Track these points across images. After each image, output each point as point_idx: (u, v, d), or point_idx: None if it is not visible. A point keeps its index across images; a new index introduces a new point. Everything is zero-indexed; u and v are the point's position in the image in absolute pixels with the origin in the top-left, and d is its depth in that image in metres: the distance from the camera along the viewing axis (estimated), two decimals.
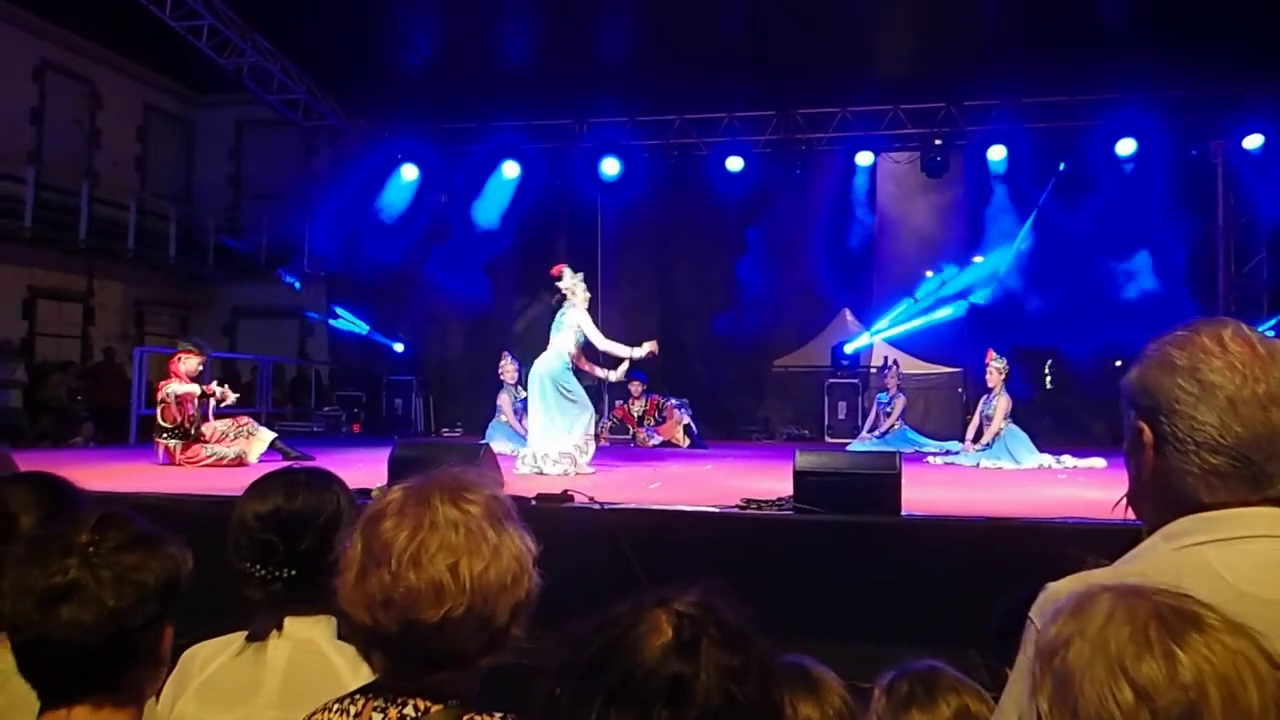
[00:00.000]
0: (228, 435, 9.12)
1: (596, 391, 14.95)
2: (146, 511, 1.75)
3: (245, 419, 9.54)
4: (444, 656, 1.43)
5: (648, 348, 8.92)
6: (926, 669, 2.07)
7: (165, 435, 8.91)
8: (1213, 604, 1.06)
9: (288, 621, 2.01)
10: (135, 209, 17.71)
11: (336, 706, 1.49)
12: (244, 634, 2.02)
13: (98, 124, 18.68)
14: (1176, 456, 1.37)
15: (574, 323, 8.86)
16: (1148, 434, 1.40)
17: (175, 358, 9.22)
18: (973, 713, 1.97)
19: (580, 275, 9.04)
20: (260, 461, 8.98)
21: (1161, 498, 1.40)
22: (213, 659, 2.03)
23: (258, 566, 2.03)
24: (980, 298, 14.40)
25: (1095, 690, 1.00)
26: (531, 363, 8.94)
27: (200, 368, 9.33)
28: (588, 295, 9.00)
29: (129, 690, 1.61)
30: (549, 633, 1.28)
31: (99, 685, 1.57)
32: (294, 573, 2.02)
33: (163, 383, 9.08)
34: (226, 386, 9.54)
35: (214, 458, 8.82)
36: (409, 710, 1.44)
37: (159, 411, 9.00)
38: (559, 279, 9.03)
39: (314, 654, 1.97)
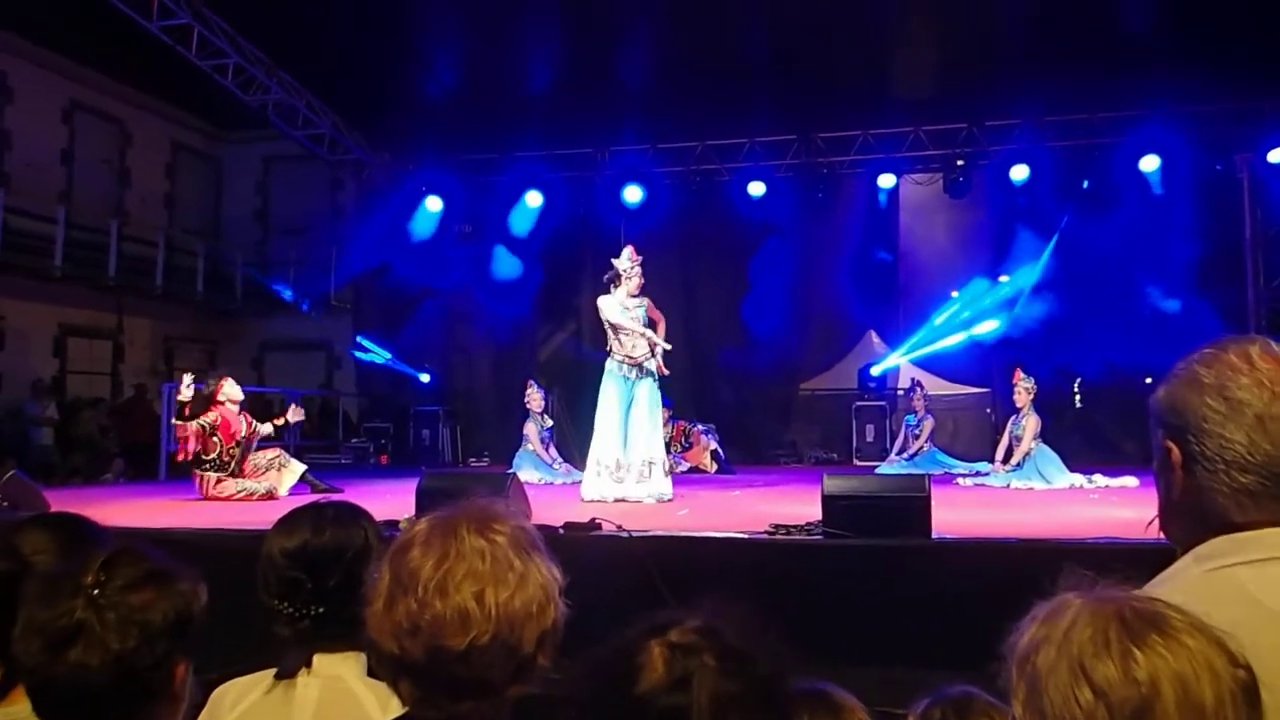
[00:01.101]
0: (259, 468, 9.17)
1: None
2: (176, 547, 1.76)
3: (277, 450, 9.60)
4: (471, 685, 1.43)
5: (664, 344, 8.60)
6: (961, 695, 2.05)
7: (205, 467, 8.95)
8: (1246, 626, 1.06)
9: (317, 659, 2.01)
10: (164, 246, 17.95)
11: None
12: (274, 671, 2.02)
13: (127, 162, 18.98)
14: (1206, 475, 1.35)
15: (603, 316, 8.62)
16: (1176, 453, 1.39)
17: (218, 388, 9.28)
18: None
19: (626, 253, 8.67)
20: (290, 494, 9.02)
21: (1192, 518, 1.38)
22: (243, 697, 2.02)
23: (285, 604, 2.03)
24: (1006, 317, 14.32)
25: (1059, 692, 1.04)
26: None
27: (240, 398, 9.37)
28: (630, 280, 8.57)
29: None
30: (578, 662, 1.28)
31: None
32: (322, 610, 2.02)
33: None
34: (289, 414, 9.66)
35: (244, 493, 8.86)
36: None
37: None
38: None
39: (343, 691, 1.97)
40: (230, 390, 9.18)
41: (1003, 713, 1.97)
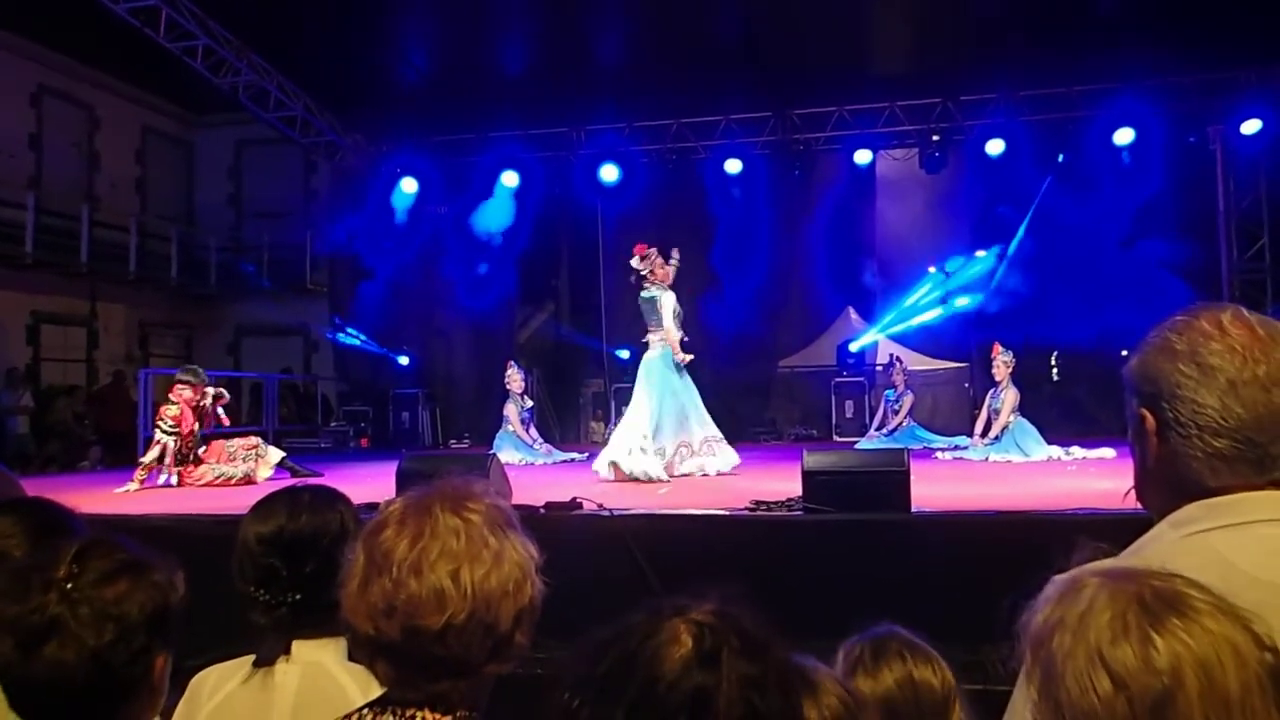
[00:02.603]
0: (235, 457, 9.11)
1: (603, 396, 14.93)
2: (153, 533, 1.74)
3: (254, 441, 9.52)
4: (448, 664, 1.42)
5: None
6: (885, 633, 2.06)
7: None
8: (1224, 590, 1.05)
9: (296, 645, 1.98)
10: (136, 231, 17.76)
11: None
12: (252, 658, 1.99)
13: (96, 147, 18.73)
14: (1180, 441, 1.36)
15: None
16: (1150, 420, 1.39)
17: (174, 388, 9.22)
18: (916, 680, 1.95)
19: (654, 251, 9.31)
20: (272, 478, 8.99)
21: (1167, 485, 1.39)
22: (222, 685, 2.00)
23: (262, 592, 1.99)
24: (983, 292, 14.37)
25: (1076, 679, 1.00)
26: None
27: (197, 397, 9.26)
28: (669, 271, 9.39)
29: None
30: (562, 642, 1.26)
31: None
32: (299, 597, 1.98)
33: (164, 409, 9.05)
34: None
35: (222, 478, 8.81)
36: None
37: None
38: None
39: (324, 677, 1.95)
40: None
41: (920, 655, 1.97)
